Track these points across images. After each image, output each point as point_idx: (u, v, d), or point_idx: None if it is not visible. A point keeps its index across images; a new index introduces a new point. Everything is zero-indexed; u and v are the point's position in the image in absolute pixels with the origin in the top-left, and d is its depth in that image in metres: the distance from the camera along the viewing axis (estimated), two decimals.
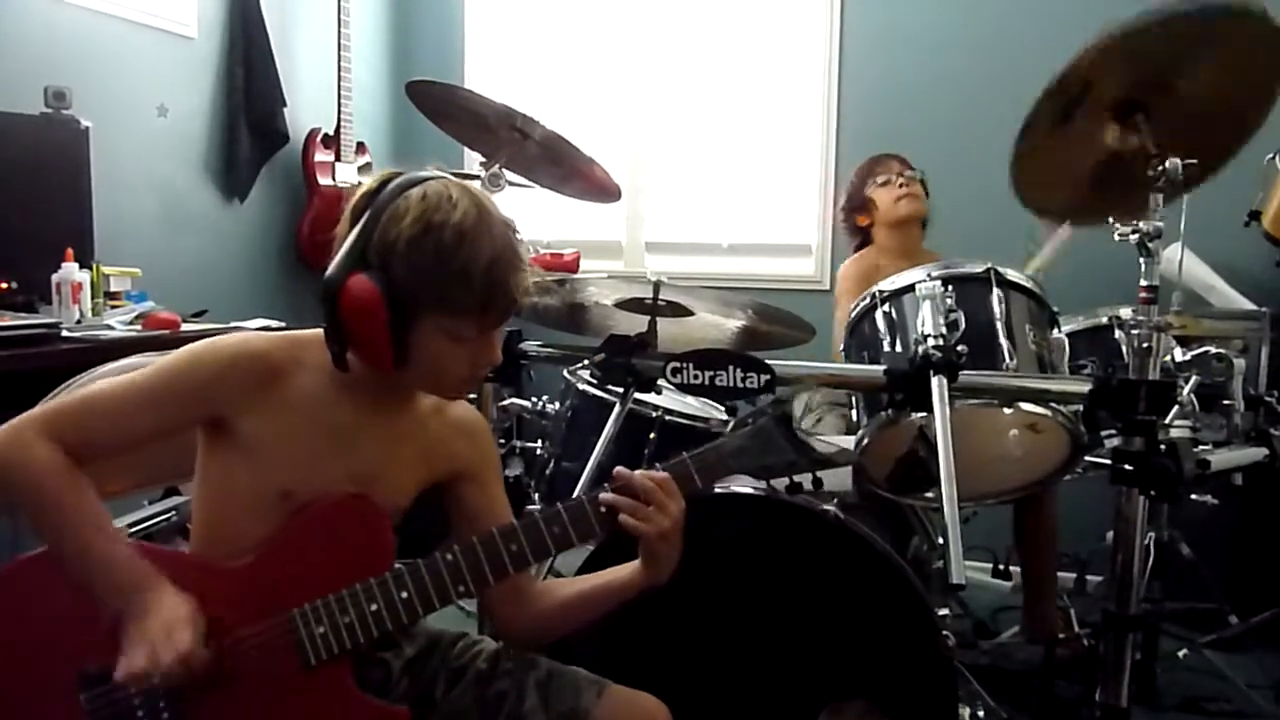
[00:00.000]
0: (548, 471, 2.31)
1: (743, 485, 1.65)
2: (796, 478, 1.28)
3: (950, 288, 1.76)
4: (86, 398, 1.17)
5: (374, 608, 1.16)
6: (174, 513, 1.93)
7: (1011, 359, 1.82)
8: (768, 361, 1.68)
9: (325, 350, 1.18)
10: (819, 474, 1.29)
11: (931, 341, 1.65)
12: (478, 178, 2.19)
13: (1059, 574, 2.78)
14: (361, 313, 1.12)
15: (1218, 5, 1.53)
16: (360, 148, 3.66)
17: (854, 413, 2.03)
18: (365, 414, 1.23)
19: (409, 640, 1.35)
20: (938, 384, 1.60)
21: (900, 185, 2.76)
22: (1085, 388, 1.66)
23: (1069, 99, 1.66)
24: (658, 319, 1.98)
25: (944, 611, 1.69)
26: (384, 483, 1.24)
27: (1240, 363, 2.22)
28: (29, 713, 1.14)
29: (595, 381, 2.19)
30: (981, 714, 1.79)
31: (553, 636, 1.36)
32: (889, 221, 2.80)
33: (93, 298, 2.46)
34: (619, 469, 1.22)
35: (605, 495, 1.20)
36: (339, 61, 3.55)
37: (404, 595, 1.16)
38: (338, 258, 1.15)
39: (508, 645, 1.36)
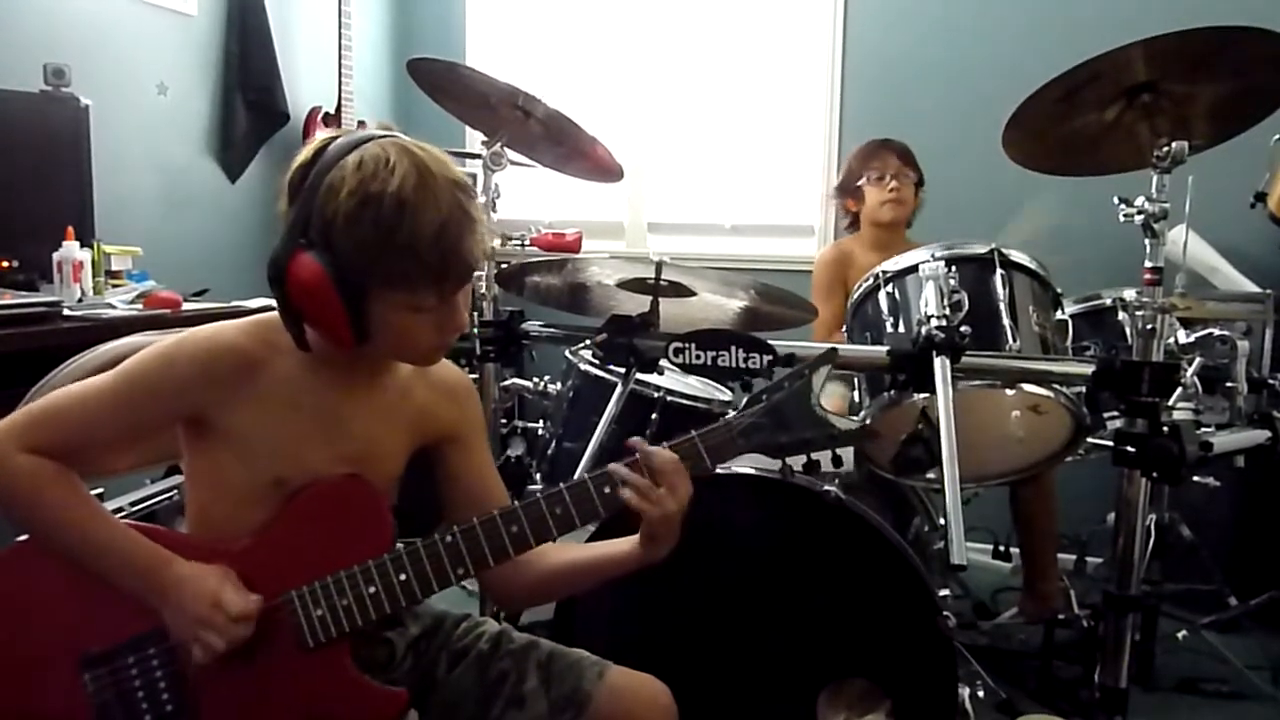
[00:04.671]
0: (549, 452, 2.31)
1: (744, 465, 1.65)
2: (814, 455, 1.22)
3: (954, 268, 1.75)
4: (58, 402, 1.14)
5: (372, 590, 1.15)
6: (175, 492, 1.94)
7: (1015, 340, 1.82)
8: (770, 342, 1.68)
9: None
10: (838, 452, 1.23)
11: (935, 322, 1.65)
12: (479, 156, 2.18)
13: (1059, 555, 2.79)
14: (310, 294, 1.08)
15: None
16: (361, 126, 3.63)
17: (856, 393, 2.03)
18: (347, 391, 1.21)
19: (414, 620, 1.35)
20: (941, 365, 1.60)
21: (890, 189, 2.75)
22: (1088, 369, 1.66)
23: (1079, 83, 1.65)
24: (660, 299, 1.97)
25: (944, 592, 1.69)
26: (375, 458, 1.23)
27: (1244, 345, 2.22)
28: (30, 694, 1.14)
29: (597, 362, 2.18)
30: (981, 694, 1.79)
31: (542, 602, 1.35)
32: (871, 220, 2.83)
33: (94, 276, 2.45)
34: (635, 439, 1.19)
35: (618, 469, 1.17)
36: (340, 39, 3.53)
37: (402, 578, 1.15)
38: (281, 237, 1.10)
39: (507, 621, 1.36)
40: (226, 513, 1.18)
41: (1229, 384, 2.21)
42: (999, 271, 1.86)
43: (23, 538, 1.16)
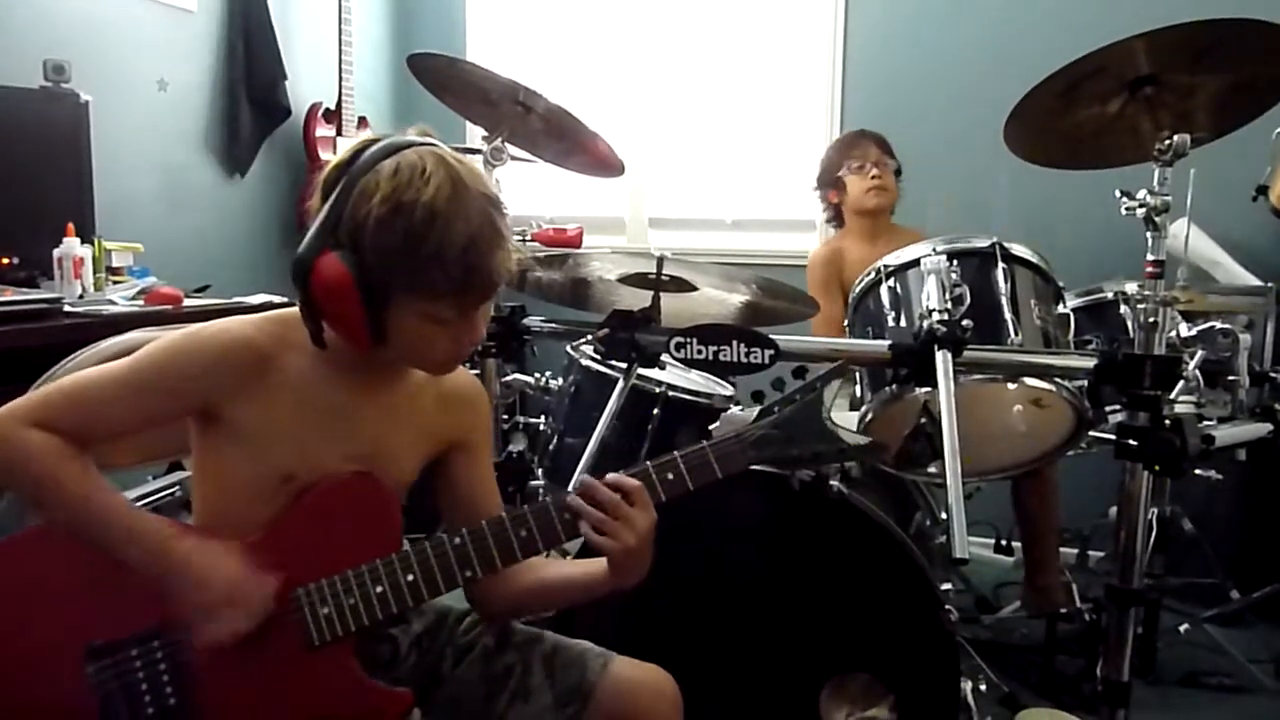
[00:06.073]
0: (551, 447, 2.31)
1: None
2: (823, 470, 1.24)
3: (955, 262, 1.75)
4: (71, 387, 1.14)
5: (379, 590, 1.15)
6: (178, 488, 1.93)
7: (1016, 334, 1.81)
8: (772, 337, 1.68)
9: None
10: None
11: (936, 316, 1.65)
12: (479, 152, 2.18)
13: (1061, 549, 2.79)
14: (332, 295, 1.08)
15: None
16: (362, 122, 3.64)
17: (858, 388, 2.03)
18: (360, 391, 1.21)
19: (417, 616, 1.35)
20: (942, 359, 1.59)
21: (872, 176, 2.76)
22: (1090, 363, 1.66)
23: (1081, 76, 1.65)
24: (661, 294, 1.97)
25: (946, 586, 1.69)
26: (386, 460, 1.23)
27: (1246, 338, 2.22)
28: (34, 684, 1.13)
29: (598, 357, 2.18)
30: (983, 688, 1.80)
31: (519, 615, 1.36)
32: (856, 209, 2.83)
33: (94, 273, 2.45)
34: (584, 477, 1.18)
35: (573, 500, 1.17)
36: (340, 35, 3.52)
37: (410, 578, 1.15)
38: (309, 235, 1.10)
39: (503, 619, 1.35)
40: (234, 508, 1.18)
41: (1231, 377, 2.20)
42: (1000, 265, 1.85)
43: (26, 527, 1.17)
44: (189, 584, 1.10)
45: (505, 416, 2.47)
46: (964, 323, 1.64)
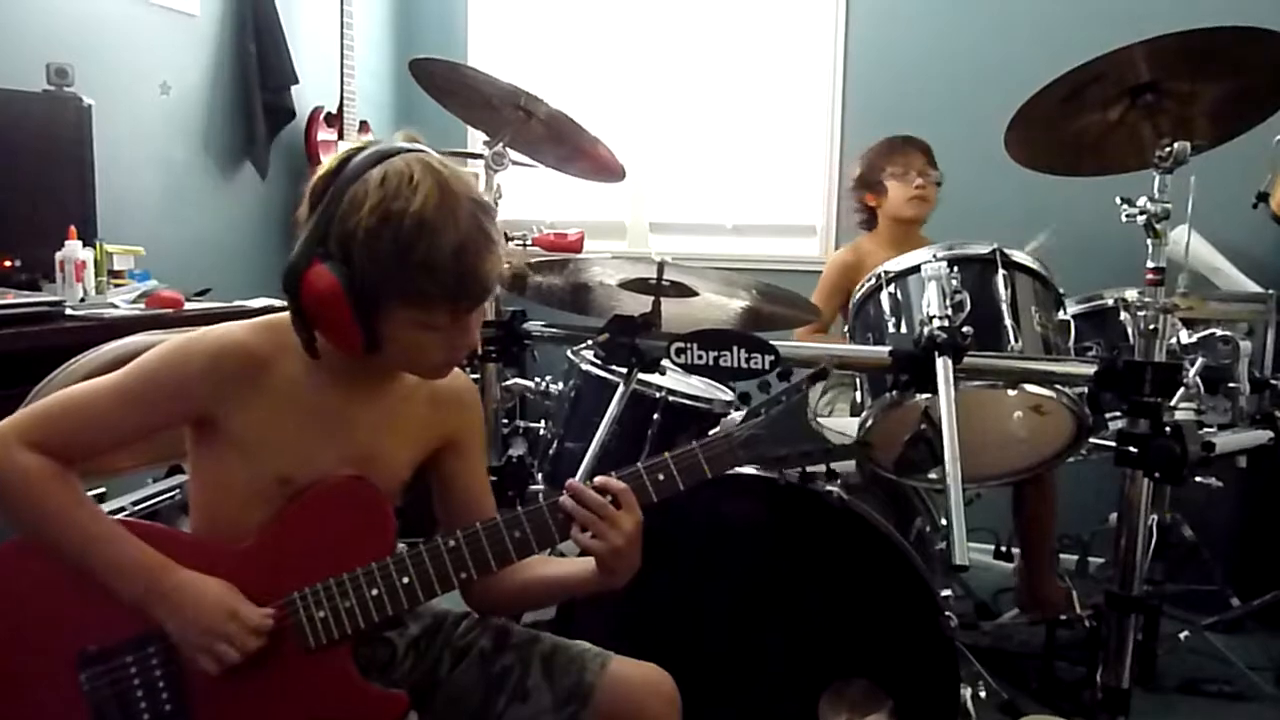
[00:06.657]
0: (551, 452, 2.31)
1: (747, 466, 1.65)
2: (810, 468, 1.26)
3: (956, 269, 1.75)
4: (66, 402, 1.14)
5: (374, 592, 1.15)
6: (177, 491, 1.94)
7: (1017, 340, 1.81)
8: (772, 342, 1.68)
9: None
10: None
11: (937, 323, 1.65)
12: (481, 157, 2.18)
13: (1061, 555, 2.78)
14: (324, 305, 1.08)
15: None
16: (364, 126, 3.64)
17: (858, 394, 2.03)
18: (354, 395, 1.22)
19: (414, 619, 1.35)
20: (943, 365, 1.59)
21: (916, 186, 2.74)
22: (1090, 370, 1.66)
23: (1081, 83, 1.66)
24: (662, 299, 1.97)
25: (946, 592, 1.69)
26: (381, 462, 1.23)
27: (1246, 345, 2.22)
28: (26, 693, 1.13)
29: (599, 362, 2.18)
30: (983, 694, 1.79)
31: (514, 611, 1.37)
32: (894, 215, 2.81)
33: (96, 276, 2.45)
34: (570, 481, 1.19)
35: (565, 501, 1.18)
36: (342, 39, 3.53)
37: (405, 580, 1.16)
38: (298, 245, 1.10)
39: (506, 621, 1.36)
40: (231, 513, 1.18)
41: (1231, 384, 2.20)
42: (1001, 272, 1.85)
43: (16, 537, 1.16)
44: (179, 616, 1.10)
45: (505, 421, 2.48)
46: (964, 329, 1.63)
